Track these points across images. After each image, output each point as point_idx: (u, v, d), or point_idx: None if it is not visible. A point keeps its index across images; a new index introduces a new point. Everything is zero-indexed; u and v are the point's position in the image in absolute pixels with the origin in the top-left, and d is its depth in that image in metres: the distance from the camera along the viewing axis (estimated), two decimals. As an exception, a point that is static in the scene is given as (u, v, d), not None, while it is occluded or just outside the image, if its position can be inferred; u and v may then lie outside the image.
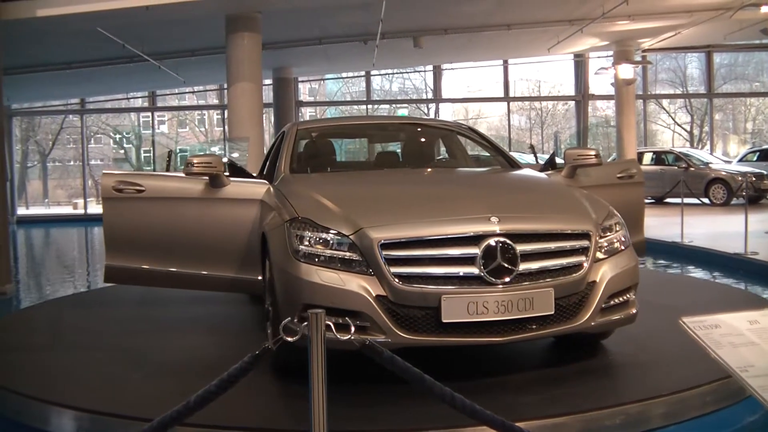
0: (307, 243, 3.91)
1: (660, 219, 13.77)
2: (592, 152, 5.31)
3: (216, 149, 29.01)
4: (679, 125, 34.90)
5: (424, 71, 30.39)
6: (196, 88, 27.25)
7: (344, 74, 31.66)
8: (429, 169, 5.75)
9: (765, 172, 18.42)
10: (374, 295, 3.70)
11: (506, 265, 3.71)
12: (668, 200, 17.11)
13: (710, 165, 19.53)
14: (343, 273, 3.77)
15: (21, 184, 30.79)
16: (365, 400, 3.77)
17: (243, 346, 4.57)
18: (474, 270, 3.70)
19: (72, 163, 33.61)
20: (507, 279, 3.71)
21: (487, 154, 5.93)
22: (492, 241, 3.72)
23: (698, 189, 17.65)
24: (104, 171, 5.48)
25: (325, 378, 2.33)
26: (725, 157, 26.03)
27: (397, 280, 3.69)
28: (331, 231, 3.89)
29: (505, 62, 25.48)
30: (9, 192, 23.33)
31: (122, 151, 36.44)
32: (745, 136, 34.86)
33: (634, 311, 4.21)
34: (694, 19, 17.06)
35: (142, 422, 2.86)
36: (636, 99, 22.71)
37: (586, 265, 3.93)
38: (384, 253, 3.72)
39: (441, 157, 6.53)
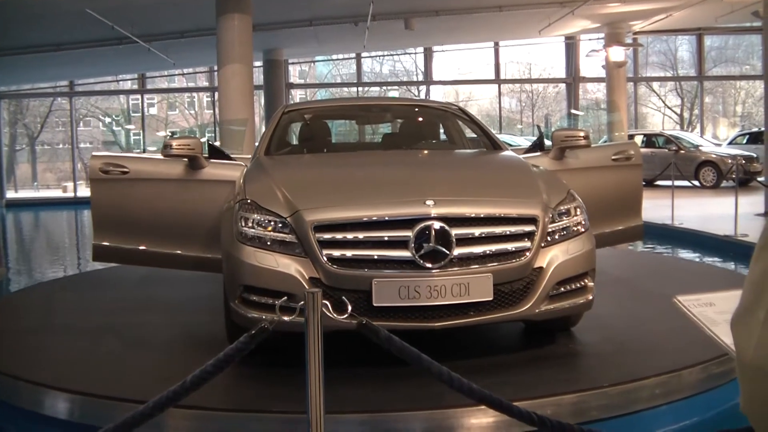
0: (250, 225, 3.94)
1: (650, 201, 13.76)
2: (581, 133, 5.17)
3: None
4: (669, 108, 34.95)
5: (415, 53, 30.29)
6: (185, 71, 27.08)
7: (335, 56, 31.51)
8: (400, 151, 5.68)
9: (755, 155, 18.46)
10: (307, 277, 3.71)
11: (440, 249, 3.65)
12: (658, 183, 17.15)
13: (700, 148, 19.58)
14: (280, 255, 3.79)
15: (9, 167, 30.58)
16: (359, 380, 3.78)
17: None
18: (407, 254, 3.65)
19: (61, 146, 33.39)
20: (440, 264, 3.64)
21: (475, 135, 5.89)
22: (425, 225, 3.67)
23: (688, 171, 17.68)
24: (93, 153, 5.52)
25: (322, 358, 2.33)
26: (715, 139, 26.09)
27: (329, 262, 3.68)
28: (272, 213, 3.91)
29: (496, 44, 25.42)
30: (-2, 175, 23.25)
31: (111, 134, 36.21)
32: (735, 119, 34.94)
33: (590, 297, 4.08)
34: (686, 1, 17.03)
35: (135, 404, 2.85)
36: (627, 82, 22.71)
37: (529, 251, 3.81)
38: (317, 235, 3.72)
39: (430, 138, 6.42)
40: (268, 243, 3.85)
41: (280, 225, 3.86)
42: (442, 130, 6.34)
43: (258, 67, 21.47)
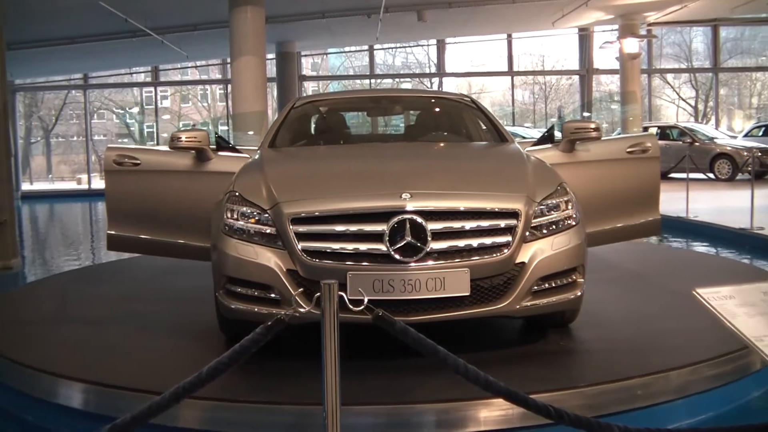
0: (235, 217, 4.00)
1: (665, 194, 13.68)
2: (592, 125, 5.07)
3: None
4: (683, 100, 34.74)
5: (428, 45, 30.23)
6: (198, 63, 27.12)
7: (347, 48, 31.46)
8: (396, 144, 5.66)
9: (771, 147, 18.32)
10: (285, 270, 3.75)
11: (414, 243, 3.63)
12: (673, 175, 17.06)
13: (715, 140, 19.43)
14: (260, 247, 3.84)
15: (25, 159, 30.78)
16: (374, 373, 3.77)
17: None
18: (381, 247, 3.64)
19: (75, 138, 33.54)
20: (415, 258, 3.62)
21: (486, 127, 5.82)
22: (400, 219, 3.65)
23: (703, 164, 17.56)
24: (108, 145, 5.62)
25: (339, 350, 2.33)
26: (730, 132, 25.91)
27: (305, 255, 3.70)
28: (255, 206, 3.96)
29: (509, 36, 25.33)
30: (13, 167, 23.35)
31: (125, 127, 36.34)
32: (751, 111, 34.66)
33: (578, 293, 4.03)
34: (701, -8, 16.92)
35: (150, 395, 2.86)
36: (641, 73, 22.57)
37: (509, 246, 3.75)
38: (294, 228, 3.75)
39: (441, 130, 6.31)
40: (251, 235, 3.90)
41: (259, 217, 3.91)
42: (455, 122, 6.26)
43: (271, 60, 21.50)
